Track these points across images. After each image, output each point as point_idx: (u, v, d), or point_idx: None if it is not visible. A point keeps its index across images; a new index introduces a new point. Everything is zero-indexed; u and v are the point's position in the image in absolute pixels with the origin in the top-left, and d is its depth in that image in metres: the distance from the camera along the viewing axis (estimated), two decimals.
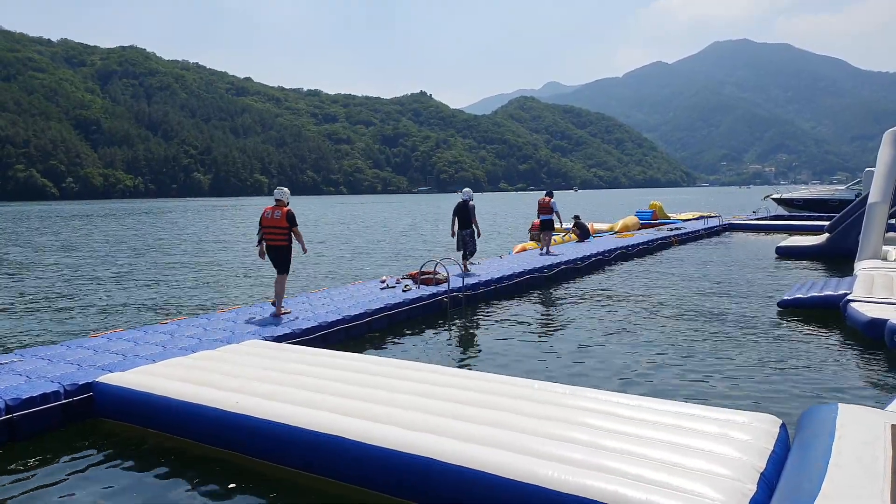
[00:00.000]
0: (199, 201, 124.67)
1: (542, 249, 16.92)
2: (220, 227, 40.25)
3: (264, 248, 9.03)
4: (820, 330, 9.34)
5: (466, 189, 13.72)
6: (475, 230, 13.11)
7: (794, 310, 10.50)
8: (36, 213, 70.51)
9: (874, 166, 31.17)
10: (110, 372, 6.13)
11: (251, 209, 75.84)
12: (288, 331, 8.12)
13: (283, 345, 7.32)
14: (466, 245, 13.05)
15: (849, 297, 9.56)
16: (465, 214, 12.95)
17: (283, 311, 9.14)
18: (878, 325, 8.10)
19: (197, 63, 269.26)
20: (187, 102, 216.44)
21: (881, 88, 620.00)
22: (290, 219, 8.85)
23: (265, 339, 7.75)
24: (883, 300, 9.21)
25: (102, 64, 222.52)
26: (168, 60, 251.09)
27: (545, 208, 16.63)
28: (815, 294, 10.46)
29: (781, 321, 9.98)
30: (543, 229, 16.85)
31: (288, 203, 9.04)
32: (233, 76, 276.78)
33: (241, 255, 22.42)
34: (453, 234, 13.13)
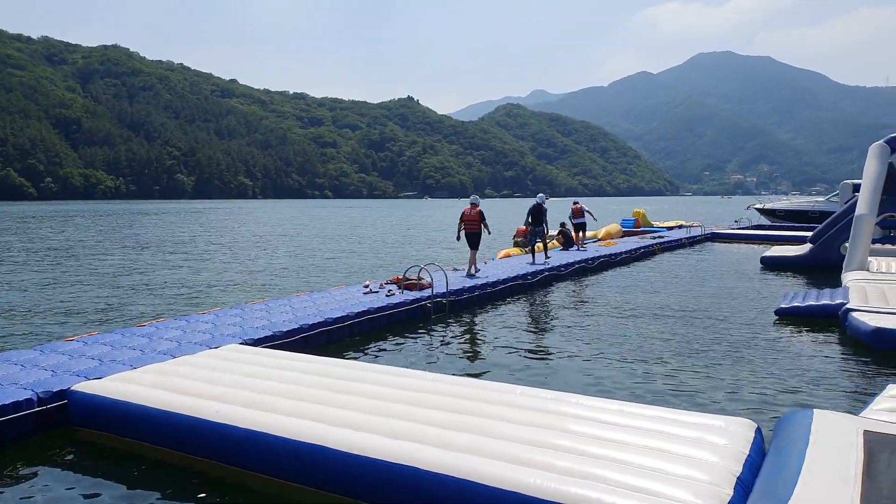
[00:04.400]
0: (182, 203, 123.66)
1: (578, 247, 20.33)
2: (202, 230, 39.96)
3: (463, 234, 13.90)
4: (815, 337, 9.52)
5: (541, 194, 16.61)
6: (545, 228, 16.34)
7: (790, 318, 10.68)
8: (10, 213, 69.50)
9: (850, 178, 31.68)
10: (86, 378, 6.01)
11: (221, 213, 75.37)
12: (269, 333, 8.07)
13: (264, 349, 7.27)
14: (537, 238, 16.36)
15: (848, 306, 9.73)
16: (538, 214, 15.94)
17: (473, 272, 13.68)
18: (883, 333, 8.27)
19: (182, 64, 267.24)
20: (171, 103, 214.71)
21: (859, 102, 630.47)
22: (482, 216, 13.73)
23: (245, 341, 7.68)
24: (883, 310, 9.37)
25: (84, 62, 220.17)
26: (152, 61, 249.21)
27: (579, 213, 20.24)
28: (812, 303, 10.69)
29: (778, 329, 10.15)
30: (578, 230, 20.50)
31: (479, 205, 14.01)
32: (218, 78, 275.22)
33: (220, 257, 22.26)
34: (527, 230, 16.56)
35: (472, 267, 13.85)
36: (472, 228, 13.86)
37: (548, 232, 16.69)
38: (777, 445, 4.05)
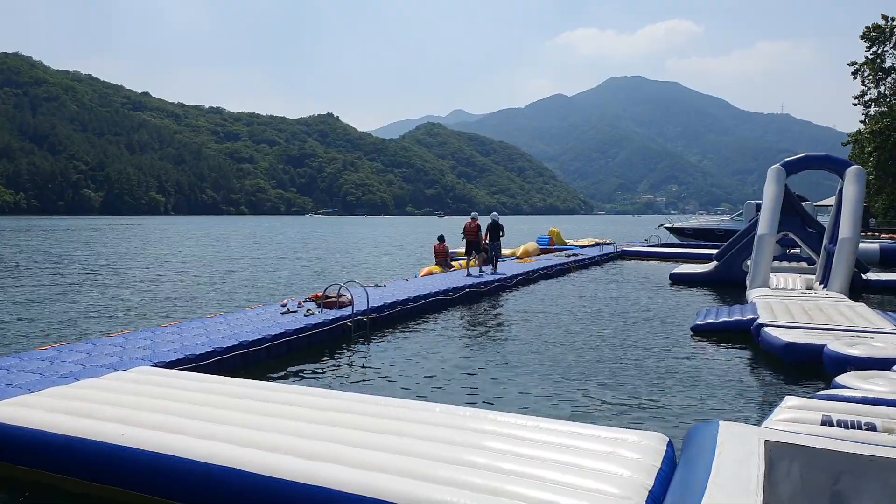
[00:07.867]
0: (89, 220, 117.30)
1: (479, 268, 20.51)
2: (105, 248, 38.02)
3: (466, 243, 17.80)
4: (729, 352, 9.96)
5: (494, 213, 18.99)
6: (500, 243, 18.76)
7: (705, 333, 11.15)
8: None
9: (752, 199, 33.52)
10: None
11: (128, 230, 72.22)
12: (180, 356, 7.74)
13: (175, 371, 6.97)
14: (495, 252, 18.42)
15: (759, 321, 10.25)
16: (495, 231, 18.11)
17: (476, 268, 17.81)
18: (794, 347, 8.75)
19: (90, 75, 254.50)
20: (78, 115, 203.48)
21: (757, 128, 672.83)
22: (479, 228, 17.71)
23: (156, 365, 7.35)
24: (792, 325, 9.92)
25: None
26: (57, 70, 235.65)
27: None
28: (726, 319, 11.26)
29: (694, 344, 10.57)
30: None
31: (477, 219, 17.95)
32: (129, 90, 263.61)
33: (128, 277, 21.22)
34: (484, 246, 18.47)
35: (469, 269, 17.43)
36: (472, 237, 17.70)
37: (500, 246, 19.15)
38: (686, 457, 4.21)
